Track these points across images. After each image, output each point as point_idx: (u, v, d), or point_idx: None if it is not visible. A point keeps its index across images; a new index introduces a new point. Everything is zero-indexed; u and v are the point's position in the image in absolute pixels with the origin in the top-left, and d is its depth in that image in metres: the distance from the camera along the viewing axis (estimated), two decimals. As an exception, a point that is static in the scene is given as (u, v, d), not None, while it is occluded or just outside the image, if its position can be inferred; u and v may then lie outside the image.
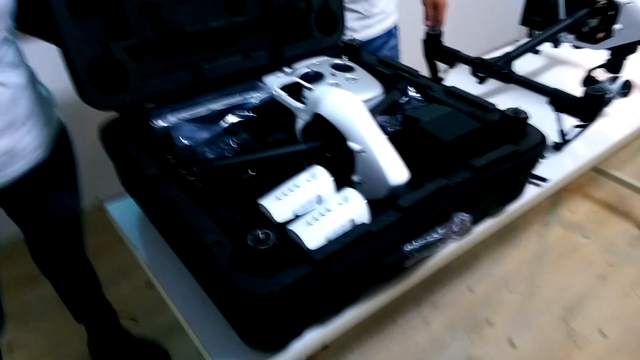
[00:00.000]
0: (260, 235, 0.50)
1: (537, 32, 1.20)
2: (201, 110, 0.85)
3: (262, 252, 0.50)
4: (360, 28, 1.29)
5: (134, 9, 0.80)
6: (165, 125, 0.81)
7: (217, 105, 0.86)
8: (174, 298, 0.68)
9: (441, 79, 1.13)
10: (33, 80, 0.86)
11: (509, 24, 3.01)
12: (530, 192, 0.84)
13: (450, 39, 1.15)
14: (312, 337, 0.61)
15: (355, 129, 0.66)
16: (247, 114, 0.87)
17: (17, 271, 1.42)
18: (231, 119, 0.86)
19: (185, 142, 0.82)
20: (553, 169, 0.90)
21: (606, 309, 1.59)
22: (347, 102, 0.68)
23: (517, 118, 0.72)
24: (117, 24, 0.80)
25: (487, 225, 0.78)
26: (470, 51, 1.07)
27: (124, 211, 0.82)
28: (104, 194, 0.91)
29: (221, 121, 0.85)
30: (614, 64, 1.05)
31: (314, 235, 0.54)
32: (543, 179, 0.86)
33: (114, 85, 0.80)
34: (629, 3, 0.96)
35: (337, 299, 0.61)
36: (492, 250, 1.79)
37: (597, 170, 2.00)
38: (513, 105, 0.74)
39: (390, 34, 1.39)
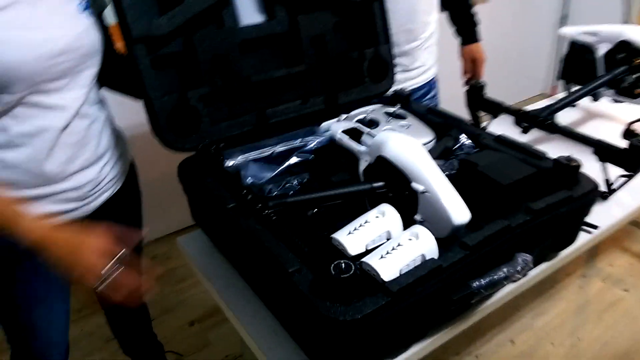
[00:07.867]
0: (342, 265, 0.54)
1: (573, 86, 1.25)
2: (265, 151, 0.92)
3: (344, 281, 0.53)
4: (403, 80, 1.36)
5: (207, 62, 0.88)
6: (234, 164, 0.87)
7: (279, 148, 0.93)
8: (245, 324, 0.71)
9: (484, 129, 1.18)
10: (111, 116, 0.94)
11: (536, 77, 3.12)
12: (582, 239, 0.86)
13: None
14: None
15: (418, 170, 0.70)
16: (307, 155, 0.93)
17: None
18: (293, 160, 0.92)
19: (251, 180, 0.88)
20: (601, 217, 0.92)
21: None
22: (409, 145, 0.73)
23: (571, 166, 0.76)
24: (192, 74, 0.89)
25: (542, 268, 0.80)
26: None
27: (193, 244, 0.87)
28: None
29: (284, 162, 0.91)
30: (654, 118, 1.09)
31: (388, 268, 0.58)
32: (594, 226, 0.88)
33: (188, 129, 0.87)
34: (668, 60, 1.01)
35: (407, 333, 0.63)
36: (531, 301, 1.77)
37: (635, 224, 1.99)
38: (556, 155, 0.78)
39: (430, 84, 1.46)
